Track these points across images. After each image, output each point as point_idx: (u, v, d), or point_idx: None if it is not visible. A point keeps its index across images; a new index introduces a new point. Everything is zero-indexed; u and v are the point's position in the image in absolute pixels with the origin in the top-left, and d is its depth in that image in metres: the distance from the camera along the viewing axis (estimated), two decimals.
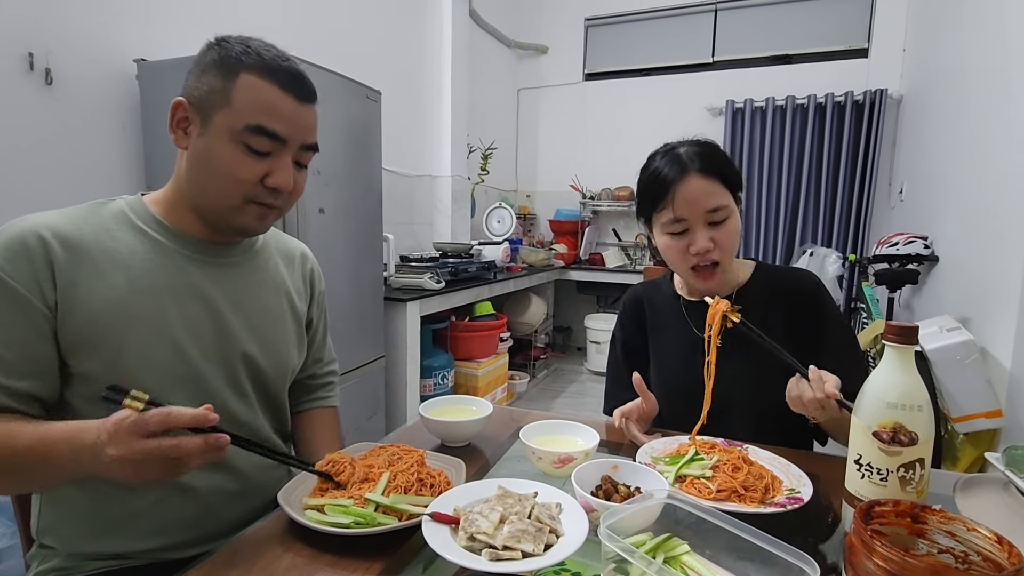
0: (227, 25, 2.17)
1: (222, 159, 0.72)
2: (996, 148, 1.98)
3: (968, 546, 0.48)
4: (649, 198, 1.00)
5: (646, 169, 1.02)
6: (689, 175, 0.95)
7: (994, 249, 1.91)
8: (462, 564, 0.55)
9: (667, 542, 0.57)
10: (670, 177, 0.96)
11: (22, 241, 0.68)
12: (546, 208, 4.78)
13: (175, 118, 0.74)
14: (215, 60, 0.73)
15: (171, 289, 0.76)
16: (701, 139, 1.01)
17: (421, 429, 0.96)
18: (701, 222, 0.95)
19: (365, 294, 2.22)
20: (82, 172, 1.71)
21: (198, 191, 0.76)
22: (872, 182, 3.64)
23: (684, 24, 4.31)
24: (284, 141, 0.74)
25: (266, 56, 0.74)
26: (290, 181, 0.76)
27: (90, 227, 0.73)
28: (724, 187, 0.96)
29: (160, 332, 0.74)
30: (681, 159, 0.96)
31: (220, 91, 0.72)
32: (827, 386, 0.77)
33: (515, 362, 3.79)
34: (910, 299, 2.83)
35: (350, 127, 2.05)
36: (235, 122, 0.71)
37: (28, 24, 1.55)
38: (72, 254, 0.70)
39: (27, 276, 0.67)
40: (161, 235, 0.77)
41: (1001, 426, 1.80)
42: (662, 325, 1.13)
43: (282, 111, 0.73)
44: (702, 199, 0.94)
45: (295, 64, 0.76)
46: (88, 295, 0.70)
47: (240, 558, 0.61)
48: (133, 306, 0.72)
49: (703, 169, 0.95)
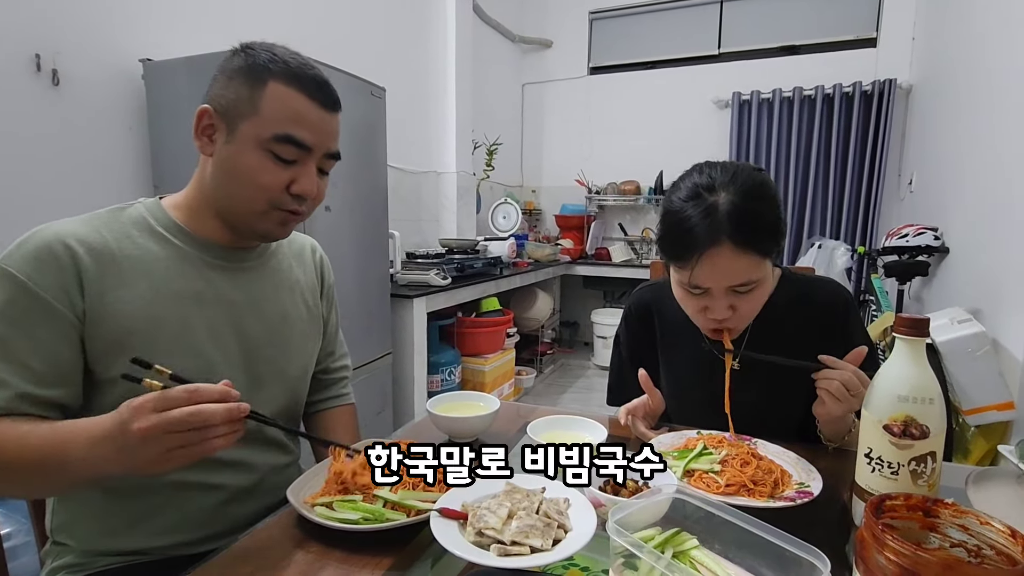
0: (233, 24, 2.17)
1: (248, 167, 0.72)
2: (1008, 138, 1.95)
3: (981, 540, 0.47)
4: (669, 247, 0.86)
5: (671, 205, 0.85)
6: (720, 246, 0.79)
7: (1006, 240, 1.88)
8: (471, 560, 0.55)
9: (676, 537, 0.56)
10: (697, 240, 0.79)
11: (49, 250, 0.68)
12: (552, 203, 4.77)
13: (200, 125, 0.74)
14: (241, 67, 0.73)
15: (195, 296, 0.77)
16: (749, 183, 0.81)
17: (429, 425, 0.96)
18: (723, 292, 0.83)
19: (372, 291, 2.22)
20: (89, 172, 1.73)
21: (223, 197, 0.76)
22: (881, 173, 3.60)
23: (689, 16, 4.27)
24: (310, 149, 0.75)
25: (293, 64, 0.74)
26: (314, 188, 0.77)
27: (112, 235, 0.73)
28: (761, 257, 0.81)
29: (185, 339, 0.75)
30: (716, 218, 0.79)
31: (247, 99, 0.71)
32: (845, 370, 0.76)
33: (522, 358, 3.79)
34: (920, 291, 2.80)
35: (355, 124, 2.05)
36: (262, 131, 0.71)
37: (35, 25, 1.56)
38: (98, 263, 0.70)
39: (55, 285, 0.67)
40: (182, 241, 0.78)
41: (1013, 418, 1.78)
42: (673, 338, 1.05)
43: (309, 119, 0.74)
44: (728, 275, 0.81)
45: (321, 72, 0.76)
46: (115, 303, 0.70)
47: (250, 554, 0.62)
48: (159, 313, 0.73)
49: (738, 240, 0.78)
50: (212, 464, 0.78)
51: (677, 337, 1.05)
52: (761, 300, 0.87)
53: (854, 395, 0.75)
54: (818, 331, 0.94)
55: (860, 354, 0.79)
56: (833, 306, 0.96)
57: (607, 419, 0.99)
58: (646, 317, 1.10)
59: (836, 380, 0.76)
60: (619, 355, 1.15)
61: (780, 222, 0.84)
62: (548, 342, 4.31)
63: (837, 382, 0.76)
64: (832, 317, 0.95)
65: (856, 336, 0.93)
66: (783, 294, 0.97)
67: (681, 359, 1.05)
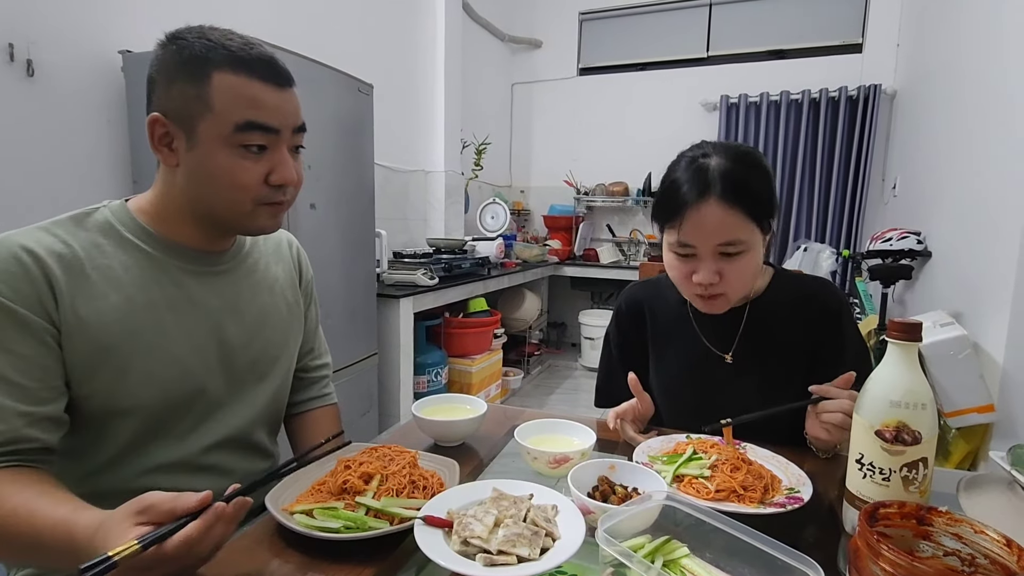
0: (216, 16, 2.12)
1: (221, 169, 0.69)
2: (989, 143, 1.98)
3: (975, 548, 0.47)
4: (661, 210, 0.89)
5: (667, 174, 0.90)
6: (707, 200, 0.82)
7: (987, 244, 1.91)
8: (455, 570, 0.53)
9: (666, 545, 0.55)
10: (686, 197, 0.84)
11: (16, 260, 0.64)
12: (540, 203, 4.76)
13: (155, 136, 0.70)
14: (179, 63, 0.68)
15: (169, 304, 0.74)
16: (742, 149, 0.87)
17: (414, 428, 0.94)
18: (710, 253, 0.84)
19: (358, 290, 2.19)
20: (67, 167, 1.67)
21: (205, 205, 0.73)
22: (866, 177, 3.64)
23: (679, 19, 4.29)
24: (277, 131, 0.71)
25: (232, 47, 0.68)
26: (293, 173, 0.73)
27: (79, 244, 0.69)
28: (747, 218, 0.83)
29: (162, 349, 0.72)
30: (705, 177, 0.83)
31: (196, 98, 0.67)
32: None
33: (509, 358, 3.78)
34: (903, 294, 2.84)
35: (342, 121, 2.02)
36: (223, 126, 0.68)
37: (8, 14, 1.51)
38: (68, 274, 0.67)
39: (30, 297, 0.64)
40: (153, 248, 0.74)
41: (993, 421, 1.81)
42: (666, 335, 1.05)
43: (267, 103, 0.70)
44: (715, 231, 0.83)
45: (263, 49, 0.71)
46: (89, 316, 0.67)
47: (226, 564, 0.59)
48: (133, 325, 0.70)
49: (726, 195, 0.82)
50: (189, 470, 0.76)
51: (669, 334, 1.04)
52: (748, 270, 0.86)
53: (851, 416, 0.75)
54: (812, 331, 0.94)
55: (849, 379, 0.79)
56: (827, 307, 0.95)
57: (595, 422, 0.98)
58: (638, 315, 1.08)
59: (839, 413, 0.76)
60: (609, 354, 1.14)
61: (771, 192, 0.86)
62: (536, 343, 4.30)
63: (840, 415, 0.76)
64: (827, 318, 0.94)
65: (850, 338, 0.93)
66: (777, 292, 0.97)
67: (673, 356, 1.04)
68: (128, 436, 0.72)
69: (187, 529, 0.51)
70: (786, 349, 0.81)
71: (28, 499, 0.59)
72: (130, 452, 0.73)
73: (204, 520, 0.52)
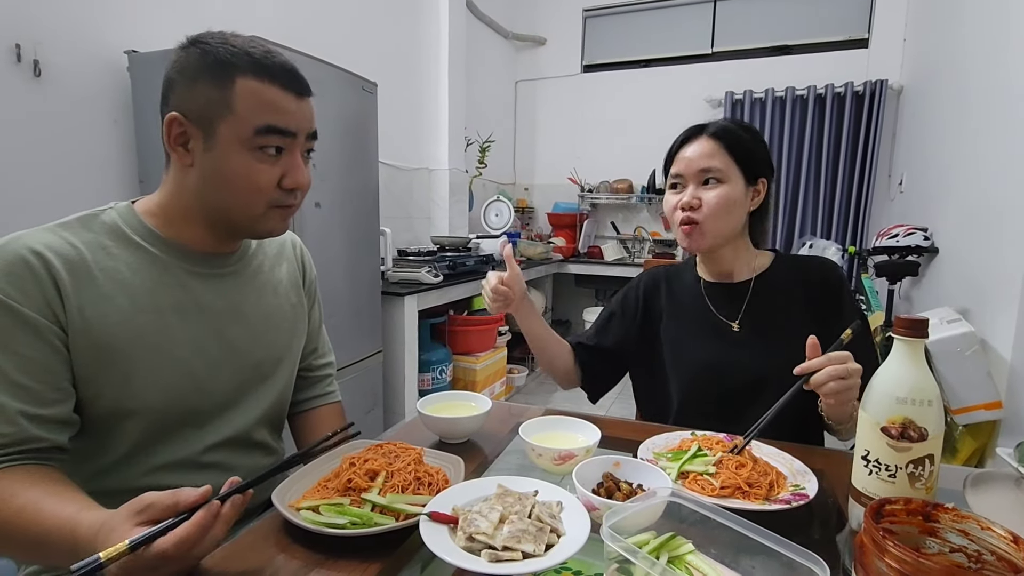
0: (221, 17, 2.14)
1: (238, 171, 0.70)
2: (997, 139, 1.96)
3: (982, 545, 0.47)
4: (666, 161, 1.07)
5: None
6: (699, 137, 1.01)
7: (994, 240, 1.89)
8: (461, 566, 0.53)
9: (671, 541, 0.55)
10: (683, 138, 1.03)
11: (23, 262, 0.64)
12: (544, 201, 4.75)
13: (172, 135, 0.70)
14: (203, 66, 0.69)
15: (175, 306, 0.74)
16: (739, 120, 1.07)
17: (419, 425, 0.95)
18: (694, 180, 1.00)
19: (362, 288, 2.20)
20: (74, 167, 1.68)
21: (218, 206, 0.73)
22: (872, 173, 3.61)
23: (683, 15, 4.27)
24: (294, 135, 0.73)
25: (257, 55, 0.70)
26: (305, 178, 0.75)
27: (86, 245, 0.70)
28: (728, 155, 0.98)
29: (166, 352, 0.72)
30: (703, 125, 1.03)
31: (219, 100, 0.68)
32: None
33: (514, 356, 3.78)
34: (910, 291, 2.82)
35: (346, 119, 2.02)
36: (243, 129, 0.69)
37: (15, 14, 1.52)
38: (74, 276, 0.67)
39: (37, 299, 0.64)
40: (160, 250, 0.75)
41: (1000, 418, 1.80)
42: (680, 310, 1.12)
43: (287, 109, 0.71)
44: (697, 159, 0.99)
45: (285, 58, 0.73)
46: (94, 318, 0.68)
47: (232, 561, 0.60)
48: (138, 327, 0.70)
49: (713, 133, 1.00)
50: (194, 468, 0.76)
51: (683, 304, 1.13)
52: (723, 201, 0.97)
53: (846, 376, 0.74)
54: (815, 301, 1.01)
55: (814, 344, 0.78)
56: (827, 281, 1.03)
57: (601, 420, 0.98)
58: (653, 290, 1.17)
59: (824, 379, 0.75)
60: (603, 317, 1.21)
61: (757, 147, 1.01)
62: None
63: (831, 382, 0.75)
64: (826, 290, 1.02)
65: (852, 311, 1.00)
66: (778, 271, 1.06)
67: (685, 323, 1.11)
68: (135, 437, 0.72)
69: (187, 530, 0.52)
70: (788, 317, 0.92)
71: (36, 497, 0.60)
72: (137, 452, 0.73)
73: (202, 520, 0.53)
